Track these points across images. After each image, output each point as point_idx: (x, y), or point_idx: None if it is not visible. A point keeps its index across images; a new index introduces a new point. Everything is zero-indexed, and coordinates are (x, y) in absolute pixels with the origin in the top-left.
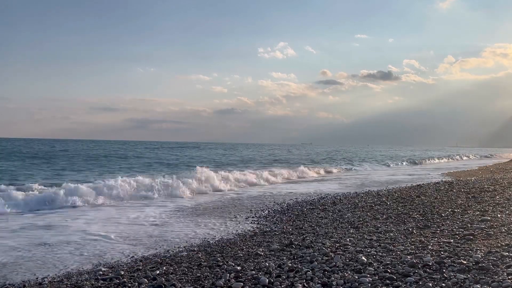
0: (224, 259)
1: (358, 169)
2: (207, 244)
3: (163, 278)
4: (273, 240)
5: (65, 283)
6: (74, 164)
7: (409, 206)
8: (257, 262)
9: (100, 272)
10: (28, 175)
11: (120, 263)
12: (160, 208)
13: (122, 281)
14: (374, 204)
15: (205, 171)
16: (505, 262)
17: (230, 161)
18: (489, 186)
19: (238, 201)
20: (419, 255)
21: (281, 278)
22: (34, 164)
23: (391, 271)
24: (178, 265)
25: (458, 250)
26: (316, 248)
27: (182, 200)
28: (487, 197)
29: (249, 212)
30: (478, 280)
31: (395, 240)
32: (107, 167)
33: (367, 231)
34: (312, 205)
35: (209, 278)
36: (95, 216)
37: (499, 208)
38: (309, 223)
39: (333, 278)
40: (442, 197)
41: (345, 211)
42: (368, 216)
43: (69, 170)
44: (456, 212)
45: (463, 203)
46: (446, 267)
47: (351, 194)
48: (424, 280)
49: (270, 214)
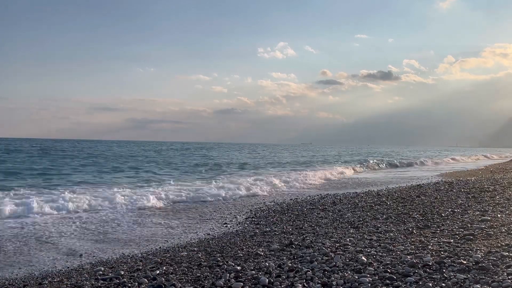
0: (224, 259)
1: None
2: (207, 244)
3: (163, 278)
4: (273, 240)
5: (65, 283)
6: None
7: (409, 206)
8: (257, 262)
9: (100, 272)
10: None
11: (120, 263)
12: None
13: (122, 281)
14: (374, 204)
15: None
16: (505, 262)
17: (268, 162)
18: (489, 186)
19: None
20: (419, 255)
21: (281, 278)
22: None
23: (391, 271)
24: (178, 265)
25: (458, 250)
26: (316, 248)
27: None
28: (487, 197)
29: (249, 212)
30: (478, 280)
31: (395, 240)
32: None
33: (367, 231)
34: (312, 205)
35: (209, 278)
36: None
37: (499, 208)
38: (309, 223)
39: (333, 278)
40: (442, 197)
41: (345, 211)
42: (368, 216)
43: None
44: (456, 212)
45: (463, 203)
46: (446, 267)
47: (351, 194)
48: (424, 280)
49: (270, 214)
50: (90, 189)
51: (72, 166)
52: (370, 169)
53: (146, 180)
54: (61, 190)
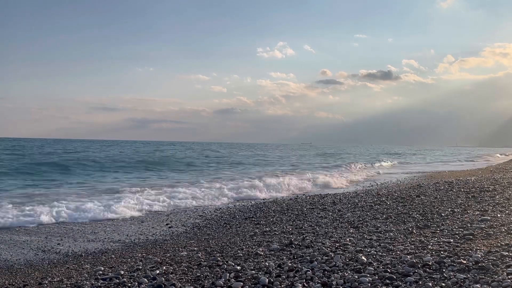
0: (224, 258)
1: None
2: (207, 243)
3: (163, 277)
4: (273, 240)
5: (65, 283)
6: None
7: (409, 205)
8: (257, 261)
9: (100, 271)
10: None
11: (120, 263)
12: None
13: (122, 280)
14: (374, 203)
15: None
16: (505, 262)
17: (288, 162)
18: (489, 186)
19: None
20: (419, 254)
21: (281, 277)
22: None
23: (391, 271)
24: (178, 265)
25: (458, 250)
26: (316, 248)
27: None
28: (487, 196)
29: (248, 212)
30: (478, 280)
31: (395, 239)
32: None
33: (367, 230)
34: (312, 205)
35: (209, 277)
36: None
37: (499, 208)
38: (309, 223)
39: (333, 277)
40: (442, 197)
41: (345, 211)
42: (368, 215)
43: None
44: (456, 211)
45: (463, 202)
46: (446, 267)
47: (351, 194)
48: (424, 280)
49: (270, 214)
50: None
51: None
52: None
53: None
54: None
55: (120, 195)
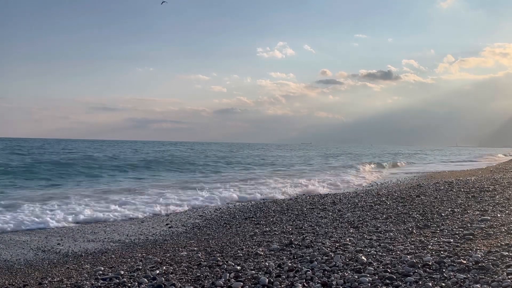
0: (224, 258)
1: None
2: (207, 243)
3: (163, 277)
4: (273, 239)
5: (65, 283)
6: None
7: (409, 205)
8: (257, 261)
9: (100, 271)
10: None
11: (120, 263)
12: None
13: (122, 280)
14: (374, 203)
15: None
16: (505, 262)
17: (304, 162)
18: (489, 186)
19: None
20: (419, 254)
21: (281, 277)
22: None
23: (391, 271)
24: (178, 265)
25: (458, 250)
26: (316, 248)
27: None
28: (487, 196)
29: (248, 212)
30: (478, 280)
31: (395, 239)
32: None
33: (367, 230)
34: (312, 205)
35: (209, 277)
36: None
37: (499, 208)
38: (309, 223)
39: (333, 277)
40: (442, 197)
41: (345, 211)
42: (368, 215)
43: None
44: (456, 211)
45: (463, 202)
46: (446, 267)
47: (351, 194)
48: (424, 280)
49: (270, 214)
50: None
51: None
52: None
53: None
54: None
55: (119, 195)
